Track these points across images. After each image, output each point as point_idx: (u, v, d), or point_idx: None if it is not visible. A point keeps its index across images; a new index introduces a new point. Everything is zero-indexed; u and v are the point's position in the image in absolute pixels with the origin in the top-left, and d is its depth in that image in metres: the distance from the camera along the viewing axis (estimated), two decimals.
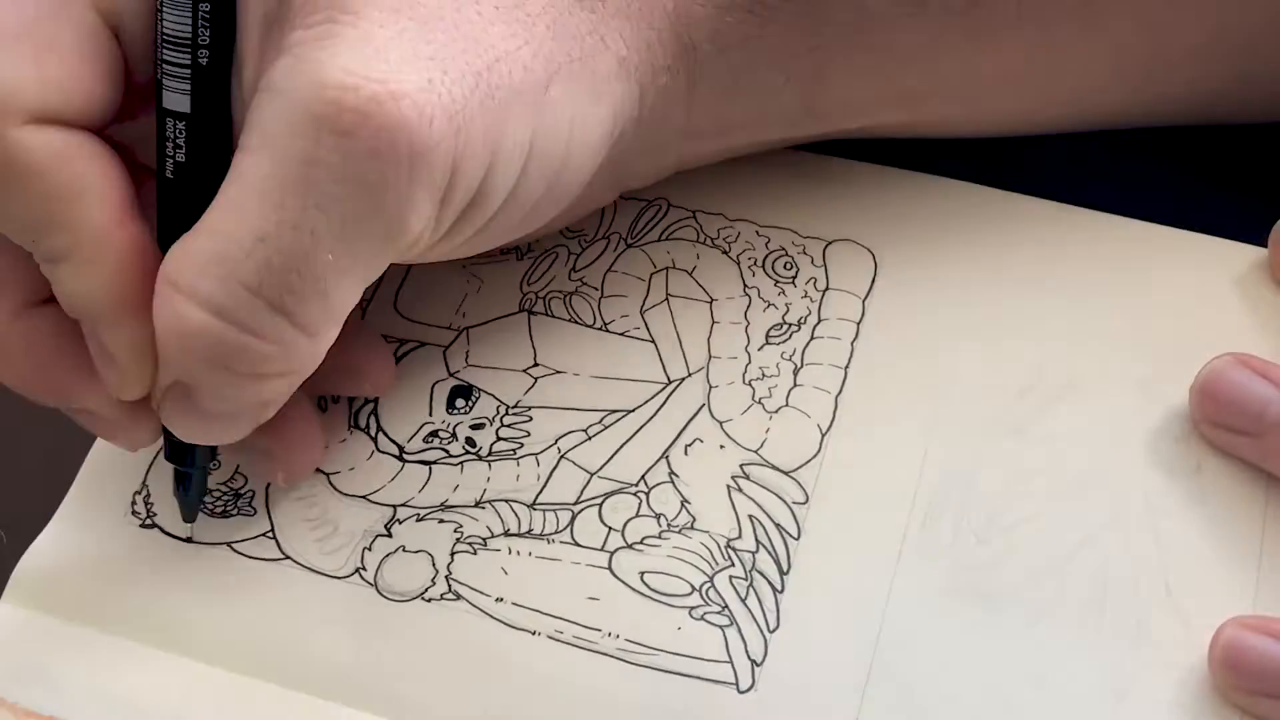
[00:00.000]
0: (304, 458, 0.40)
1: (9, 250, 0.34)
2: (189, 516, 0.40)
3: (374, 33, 0.31)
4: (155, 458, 0.42)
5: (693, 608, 0.38)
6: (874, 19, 0.38)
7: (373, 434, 0.42)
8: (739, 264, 0.43)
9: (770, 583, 0.39)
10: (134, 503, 0.41)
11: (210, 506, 0.41)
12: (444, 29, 0.32)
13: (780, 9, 0.37)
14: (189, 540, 0.41)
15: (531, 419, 0.42)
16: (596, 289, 0.44)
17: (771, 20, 0.38)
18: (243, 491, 0.41)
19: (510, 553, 0.40)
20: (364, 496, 0.41)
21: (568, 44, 0.35)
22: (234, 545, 0.41)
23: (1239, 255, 0.42)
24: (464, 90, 0.32)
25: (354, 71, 0.30)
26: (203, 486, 0.40)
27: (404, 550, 0.40)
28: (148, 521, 0.41)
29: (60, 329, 0.36)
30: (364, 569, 0.40)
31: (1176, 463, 0.39)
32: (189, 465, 0.39)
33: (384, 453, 0.42)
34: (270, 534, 0.41)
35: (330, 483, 0.41)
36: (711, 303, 0.43)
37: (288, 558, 0.40)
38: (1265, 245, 0.42)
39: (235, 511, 0.41)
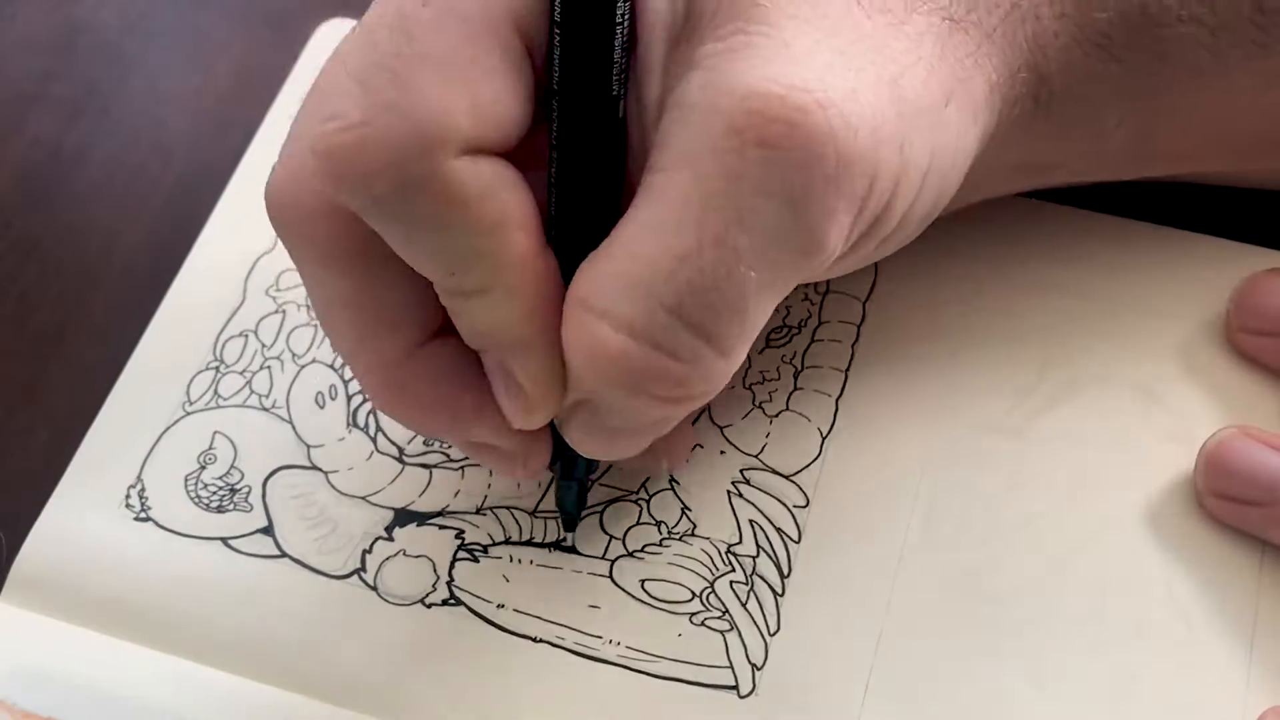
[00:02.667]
0: (683, 444, 0.40)
1: (408, 284, 0.33)
2: (569, 526, 0.40)
3: (791, 42, 0.30)
4: (151, 452, 0.42)
5: (693, 614, 0.38)
6: (1217, 62, 0.36)
7: (372, 434, 0.42)
8: None
9: (771, 586, 0.39)
10: (128, 496, 0.41)
11: (205, 501, 0.41)
12: (852, 39, 0.31)
13: (1129, 44, 0.36)
14: (570, 545, 0.40)
15: None
16: None
17: (1117, 58, 0.36)
18: (238, 486, 0.41)
19: (511, 560, 0.40)
20: (363, 497, 0.41)
21: (954, 64, 0.33)
22: (229, 541, 0.41)
23: (1239, 256, 0.42)
24: (880, 101, 0.30)
25: (777, 80, 0.29)
26: (584, 498, 0.39)
27: (405, 554, 0.40)
28: (142, 515, 0.41)
29: (458, 362, 0.35)
30: (364, 571, 0.40)
31: (1177, 464, 0.39)
32: (576, 477, 0.38)
33: (384, 454, 0.41)
34: (267, 531, 0.41)
35: (329, 481, 0.41)
36: None
37: (285, 555, 0.40)
38: (1265, 246, 0.42)
39: (231, 506, 0.41)
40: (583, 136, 0.32)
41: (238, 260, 0.45)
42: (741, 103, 0.29)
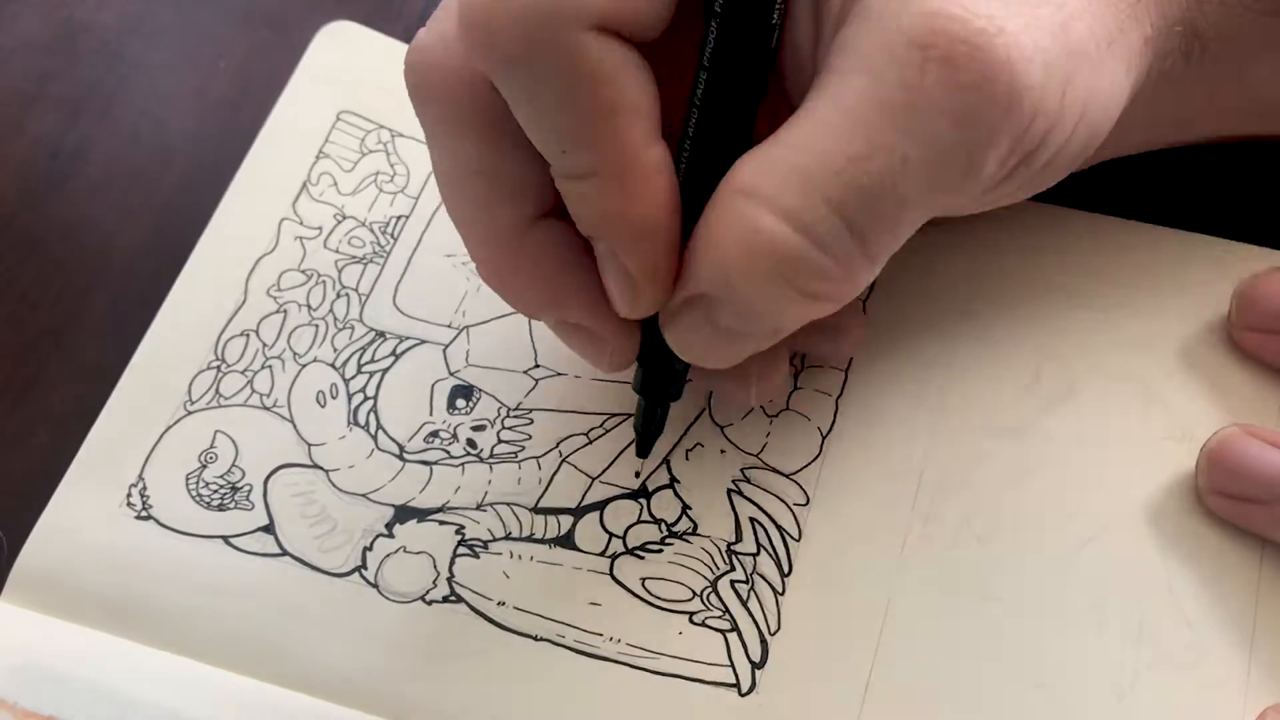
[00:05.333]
0: (777, 375, 0.39)
1: (527, 159, 0.34)
2: (644, 452, 0.40)
3: None
4: (152, 451, 0.42)
5: (694, 613, 0.38)
6: None
7: (372, 432, 0.42)
8: None
9: (771, 585, 0.39)
10: (129, 495, 0.41)
11: (206, 500, 0.41)
12: None
13: None
14: (639, 486, 0.41)
15: (533, 421, 0.42)
16: None
17: (1274, 10, 0.37)
18: (239, 485, 0.41)
19: (512, 556, 0.40)
20: (364, 495, 0.41)
21: (1117, 13, 0.34)
22: (230, 540, 0.41)
23: (1239, 256, 0.42)
24: (1050, 40, 0.31)
25: (961, 4, 0.30)
26: (663, 422, 0.39)
27: (405, 551, 0.40)
28: (143, 514, 0.41)
29: (568, 243, 0.35)
30: (364, 568, 0.40)
31: (1177, 463, 0.40)
32: (666, 397, 0.38)
33: (384, 451, 0.41)
34: (268, 529, 0.41)
35: (329, 480, 0.41)
36: None
37: (286, 553, 0.40)
38: (1264, 245, 0.42)
39: (232, 505, 0.41)
40: (736, 58, 0.32)
41: (239, 260, 0.45)
42: (927, 19, 0.30)
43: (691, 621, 0.38)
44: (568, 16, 0.30)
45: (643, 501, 0.40)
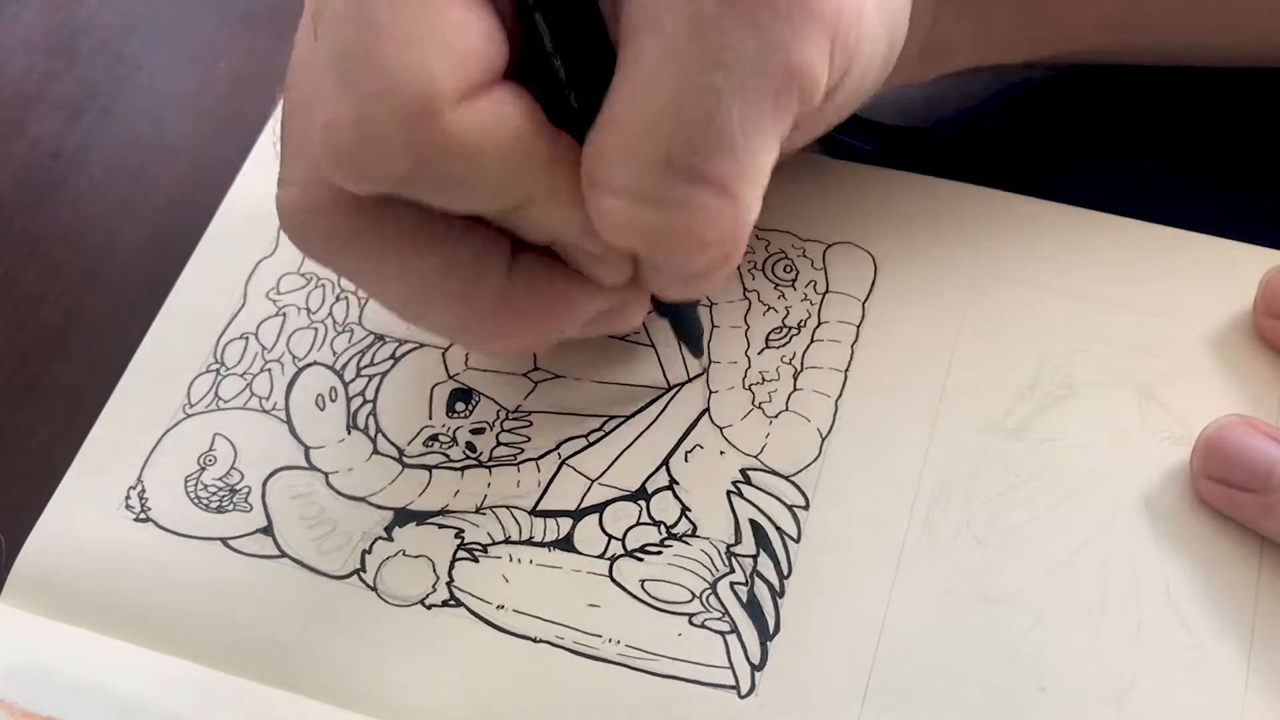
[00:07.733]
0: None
1: (477, 223, 0.34)
2: (697, 352, 0.42)
3: None
4: (151, 453, 0.42)
5: (693, 615, 0.38)
6: None
7: (372, 435, 0.42)
8: (738, 267, 0.43)
9: (771, 587, 0.39)
10: (128, 497, 0.41)
11: (205, 502, 0.41)
12: None
13: None
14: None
15: (532, 424, 0.42)
16: None
17: None
18: (238, 487, 0.41)
19: (511, 560, 0.40)
20: (363, 498, 0.41)
21: None
22: (229, 541, 0.41)
23: (1239, 256, 0.42)
24: None
25: None
26: (698, 323, 0.42)
27: (404, 555, 0.40)
28: (142, 516, 0.41)
29: (543, 264, 0.35)
30: (363, 571, 0.40)
31: (1176, 464, 0.39)
32: (680, 315, 0.41)
33: (384, 455, 0.41)
34: (267, 531, 0.41)
35: (329, 483, 0.41)
36: (711, 307, 0.43)
37: (285, 555, 0.40)
38: (1265, 246, 0.42)
39: (231, 507, 0.41)
40: (576, 34, 0.32)
41: (239, 263, 0.45)
42: None
43: (691, 623, 0.38)
44: (431, 111, 0.29)
45: (642, 503, 0.40)
